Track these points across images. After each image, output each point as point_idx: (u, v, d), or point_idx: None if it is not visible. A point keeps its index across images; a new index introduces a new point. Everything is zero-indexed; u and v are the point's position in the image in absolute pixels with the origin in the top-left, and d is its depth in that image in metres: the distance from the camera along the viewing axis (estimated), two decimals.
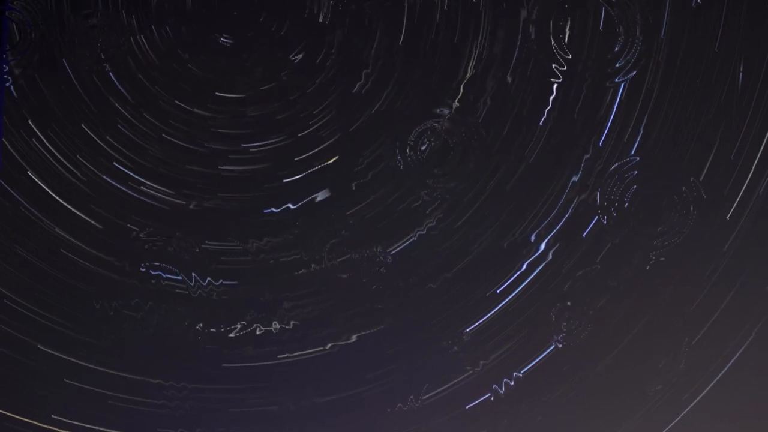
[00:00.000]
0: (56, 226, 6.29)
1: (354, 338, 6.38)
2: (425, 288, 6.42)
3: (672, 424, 6.31)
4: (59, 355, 6.24)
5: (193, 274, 6.37)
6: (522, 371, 6.37)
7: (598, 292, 6.40)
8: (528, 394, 6.37)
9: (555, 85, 6.40)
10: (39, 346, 6.22)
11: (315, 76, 6.46)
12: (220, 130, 6.47)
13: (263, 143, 6.48)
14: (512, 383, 6.36)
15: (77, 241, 6.31)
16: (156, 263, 6.34)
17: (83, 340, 6.27)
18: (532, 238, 6.42)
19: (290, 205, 6.45)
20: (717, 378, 6.32)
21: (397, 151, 6.42)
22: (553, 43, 6.35)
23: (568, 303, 6.39)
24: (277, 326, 6.38)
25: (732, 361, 6.33)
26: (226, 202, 6.45)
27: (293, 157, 6.48)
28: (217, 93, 6.47)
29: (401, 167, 6.42)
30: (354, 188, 6.47)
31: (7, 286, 6.21)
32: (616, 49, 6.32)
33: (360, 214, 6.46)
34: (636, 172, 6.38)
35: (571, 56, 6.36)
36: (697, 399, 6.32)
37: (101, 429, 6.20)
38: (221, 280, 6.39)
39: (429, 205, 6.44)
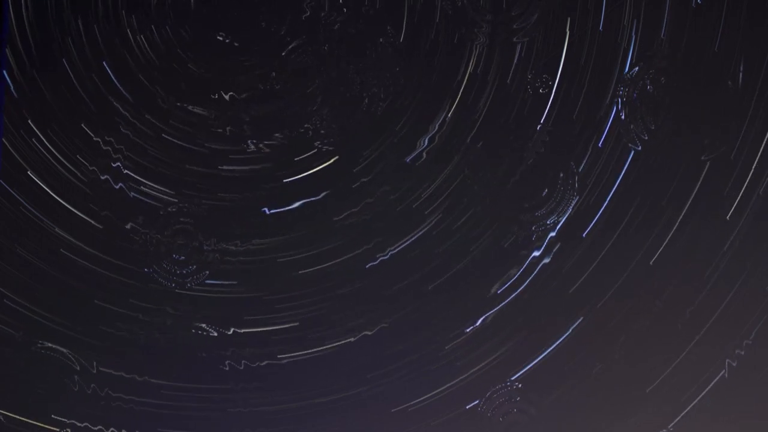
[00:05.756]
0: (56, 226, 6.29)
1: (354, 338, 6.38)
2: (425, 288, 6.42)
3: (672, 424, 6.31)
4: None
5: (193, 274, 6.37)
6: (522, 371, 6.38)
7: (598, 293, 6.40)
8: (528, 393, 6.37)
9: (555, 85, 6.41)
10: (39, 345, 6.22)
11: (315, 76, 6.46)
12: (220, 130, 6.46)
13: (263, 143, 6.47)
14: (512, 383, 6.36)
15: (77, 241, 6.31)
16: (155, 263, 6.34)
17: (83, 340, 6.27)
18: (533, 238, 6.42)
19: (290, 205, 6.45)
20: (717, 378, 6.33)
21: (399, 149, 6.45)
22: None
23: (568, 303, 6.40)
24: (277, 326, 6.39)
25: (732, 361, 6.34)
26: (226, 202, 6.45)
27: (293, 157, 6.48)
28: (217, 93, 6.47)
29: (403, 166, 6.44)
30: (354, 188, 6.47)
31: (7, 286, 6.21)
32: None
33: (360, 214, 6.45)
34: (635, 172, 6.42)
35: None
36: (697, 399, 6.33)
37: (101, 429, 6.20)
38: (221, 280, 6.40)
39: (429, 204, 6.45)
